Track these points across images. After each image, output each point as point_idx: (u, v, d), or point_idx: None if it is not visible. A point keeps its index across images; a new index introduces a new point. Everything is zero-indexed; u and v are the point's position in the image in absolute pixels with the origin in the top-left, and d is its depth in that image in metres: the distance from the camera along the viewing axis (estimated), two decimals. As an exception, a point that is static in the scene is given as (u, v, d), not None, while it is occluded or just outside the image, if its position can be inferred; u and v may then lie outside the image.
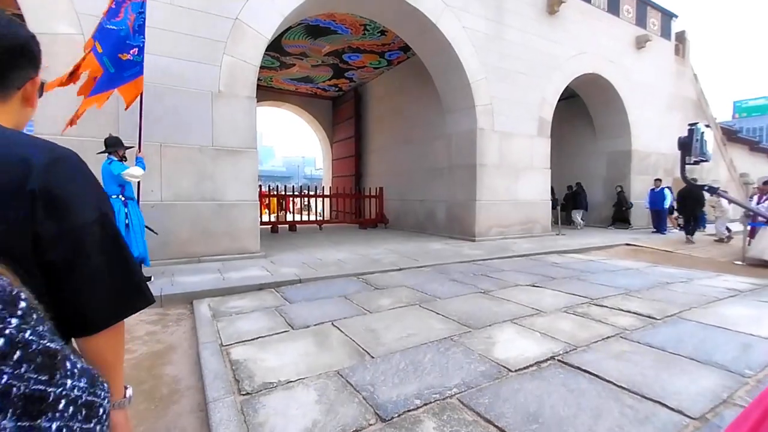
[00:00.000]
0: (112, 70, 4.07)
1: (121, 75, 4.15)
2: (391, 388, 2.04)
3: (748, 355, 2.46)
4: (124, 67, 4.15)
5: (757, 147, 18.49)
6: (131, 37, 4.17)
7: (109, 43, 4.04)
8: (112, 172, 4.04)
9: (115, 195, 4.10)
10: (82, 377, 0.55)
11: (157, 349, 2.79)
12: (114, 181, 4.08)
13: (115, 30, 4.06)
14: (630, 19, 11.51)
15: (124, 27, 4.10)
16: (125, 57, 4.13)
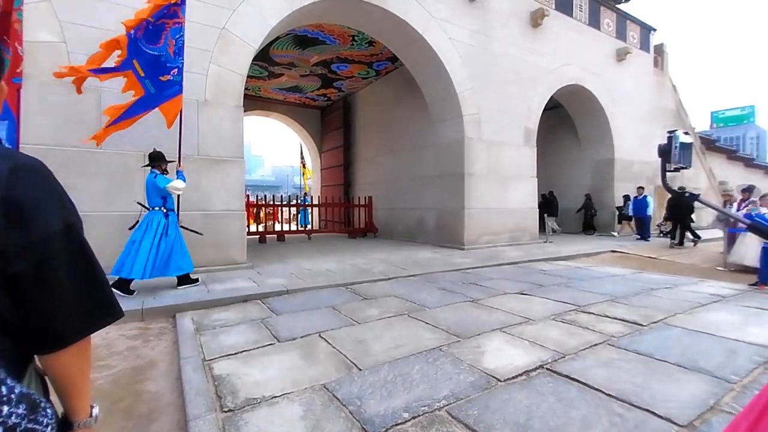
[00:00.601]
0: (153, 90, 4.32)
1: (161, 94, 4.37)
2: (379, 402, 2.00)
3: (733, 361, 2.48)
4: (164, 87, 4.37)
5: (734, 156, 19.10)
6: (171, 59, 4.41)
7: (151, 67, 4.28)
8: (157, 185, 4.26)
9: (158, 207, 4.35)
10: (21, 403, 0.51)
11: (137, 365, 2.69)
12: (158, 194, 4.32)
13: (156, 55, 4.30)
14: (610, 32, 11.87)
15: (164, 52, 4.35)
16: (166, 78, 4.36)
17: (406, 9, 7.59)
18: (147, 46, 4.25)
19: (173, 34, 4.41)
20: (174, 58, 4.42)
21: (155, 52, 4.29)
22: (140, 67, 4.21)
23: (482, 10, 8.78)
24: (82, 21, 4.89)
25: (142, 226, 4.25)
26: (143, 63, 4.24)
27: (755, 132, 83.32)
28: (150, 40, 4.27)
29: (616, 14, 12.15)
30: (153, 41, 4.28)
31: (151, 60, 4.27)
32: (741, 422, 0.84)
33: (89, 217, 4.89)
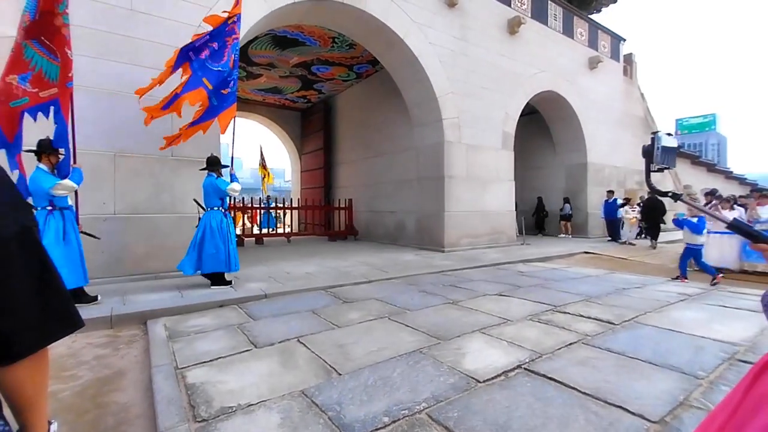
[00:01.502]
0: (215, 102, 4.67)
1: (221, 105, 4.67)
2: (359, 407, 1.97)
3: (700, 357, 2.59)
4: (224, 99, 4.68)
5: (697, 161, 20.07)
6: (230, 72, 4.68)
7: (216, 82, 4.62)
8: (218, 187, 4.61)
9: (216, 207, 4.68)
10: None
11: (104, 375, 2.56)
12: (217, 195, 4.66)
13: (220, 71, 4.63)
14: (583, 41, 12.29)
15: (226, 68, 4.66)
16: (226, 92, 4.68)
17: (387, 13, 7.63)
18: (213, 65, 4.63)
19: (233, 49, 4.72)
20: (231, 71, 4.69)
21: (219, 68, 4.64)
22: (209, 82, 4.59)
23: (462, 16, 8.92)
24: (48, 15, 4.66)
25: (205, 225, 4.58)
26: (211, 78, 4.60)
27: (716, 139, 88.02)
28: (215, 58, 4.65)
29: (589, 24, 12.59)
30: (218, 59, 4.65)
31: (216, 75, 4.62)
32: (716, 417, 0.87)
33: (54, 220, 4.64)
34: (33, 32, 3.50)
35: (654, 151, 1.24)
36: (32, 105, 3.58)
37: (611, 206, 11.14)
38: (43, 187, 3.63)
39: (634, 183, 13.84)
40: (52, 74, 3.63)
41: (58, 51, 3.60)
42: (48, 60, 3.59)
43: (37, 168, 3.73)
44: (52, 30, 3.55)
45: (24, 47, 3.50)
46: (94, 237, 4.31)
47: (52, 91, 3.63)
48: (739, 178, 23.34)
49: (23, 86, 3.51)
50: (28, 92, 3.53)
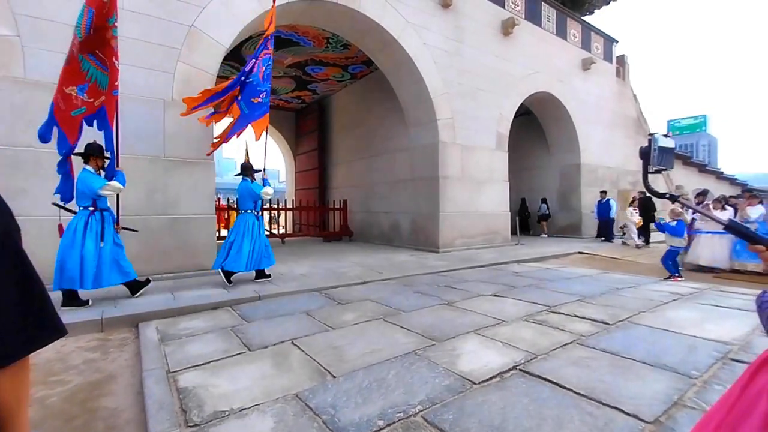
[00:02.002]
0: (246, 111, 4.98)
1: (253, 114, 4.95)
2: (353, 410, 1.95)
3: (694, 357, 2.60)
4: (255, 108, 4.95)
5: (689, 162, 20.29)
6: (261, 84, 4.95)
7: (246, 92, 4.97)
8: (254, 191, 4.92)
9: (250, 209, 4.99)
10: None
11: (94, 379, 2.52)
12: (251, 198, 4.97)
13: (250, 82, 4.95)
14: (576, 42, 12.38)
15: (256, 79, 4.95)
16: (257, 101, 4.94)
17: (381, 13, 7.62)
18: (246, 78, 4.97)
19: (263, 62, 4.99)
20: (263, 83, 4.96)
21: (250, 79, 4.96)
22: (238, 89, 4.99)
23: (456, 17, 8.94)
24: (38, 14, 4.60)
25: (239, 227, 4.86)
26: (243, 88, 4.97)
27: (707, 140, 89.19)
28: (247, 73, 4.97)
29: (582, 26, 12.69)
30: (250, 73, 4.96)
31: (247, 86, 4.96)
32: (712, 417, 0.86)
33: (43, 222, 4.58)
34: (88, 46, 3.83)
35: (651, 152, 1.24)
36: (89, 114, 3.92)
37: (604, 206, 11.22)
38: (92, 187, 3.86)
39: (627, 183, 13.95)
40: (102, 83, 3.95)
41: (108, 61, 3.91)
42: (100, 71, 3.94)
43: (84, 169, 3.96)
44: (103, 42, 3.88)
45: (81, 60, 3.84)
46: (134, 230, 4.51)
47: (102, 100, 3.94)
48: (730, 179, 23.63)
49: (81, 96, 3.85)
50: (86, 102, 3.87)
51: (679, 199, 1.20)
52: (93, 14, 3.69)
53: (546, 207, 12.95)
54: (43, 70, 4.60)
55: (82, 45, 3.77)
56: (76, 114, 3.83)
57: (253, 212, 5.00)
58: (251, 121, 4.96)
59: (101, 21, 3.77)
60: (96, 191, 3.88)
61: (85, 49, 3.81)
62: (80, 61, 3.82)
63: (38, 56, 4.57)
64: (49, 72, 4.63)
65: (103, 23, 3.79)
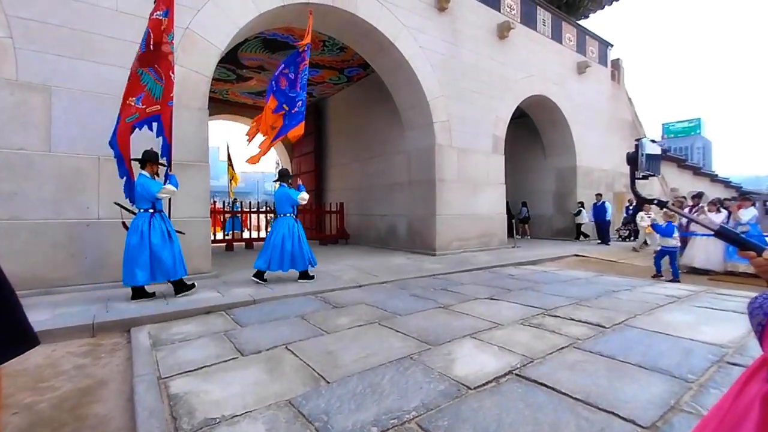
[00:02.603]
0: (285, 121, 5.27)
1: (290, 123, 5.23)
2: (346, 416, 1.92)
3: (689, 360, 2.59)
4: (293, 117, 5.24)
5: (684, 164, 20.43)
6: (298, 94, 5.28)
7: (287, 102, 5.28)
8: (291, 196, 5.23)
9: (289, 213, 5.31)
10: None
11: (84, 385, 2.47)
12: (288, 203, 5.26)
13: (294, 96, 5.29)
14: (571, 46, 12.46)
15: (293, 89, 5.28)
16: (294, 110, 5.25)
17: (377, 16, 7.63)
18: (290, 92, 5.29)
19: (301, 73, 5.30)
20: (300, 93, 5.26)
21: (293, 94, 5.29)
22: (287, 106, 5.29)
23: (452, 20, 8.97)
24: (31, 16, 4.56)
25: (278, 229, 5.17)
26: (288, 103, 5.29)
27: (702, 143, 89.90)
28: (292, 87, 5.31)
29: (577, 29, 12.77)
30: (293, 86, 5.30)
31: (291, 99, 5.29)
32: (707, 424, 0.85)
33: (35, 226, 4.53)
34: (148, 61, 4.24)
35: (639, 158, 1.23)
36: (140, 120, 4.27)
37: (600, 209, 11.28)
38: (151, 191, 4.16)
39: (622, 186, 14.02)
40: (156, 93, 4.30)
41: (164, 74, 4.26)
42: (156, 82, 4.30)
43: (140, 174, 4.24)
44: (161, 56, 4.27)
45: (141, 74, 4.27)
46: (181, 233, 4.61)
47: (155, 108, 4.28)
48: (724, 181, 23.83)
49: (137, 105, 4.25)
50: (139, 109, 4.25)
51: (668, 206, 1.19)
52: (149, 33, 4.17)
53: (526, 210, 13.14)
54: (36, 72, 4.56)
55: (141, 60, 4.22)
56: (129, 120, 4.24)
57: (291, 215, 5.32)
58: (290, 128, 5.27)
59: (160, 37, 4.20)
60: (154, 195, 4.18)
61: (145, 64, 4.25)
62: (140, 74, 4.27)
63: (30, 58, 4.54)
64: (42, 74, 4.60)
65: (161, 39, 4.22)
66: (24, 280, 4.25)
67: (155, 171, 4.37)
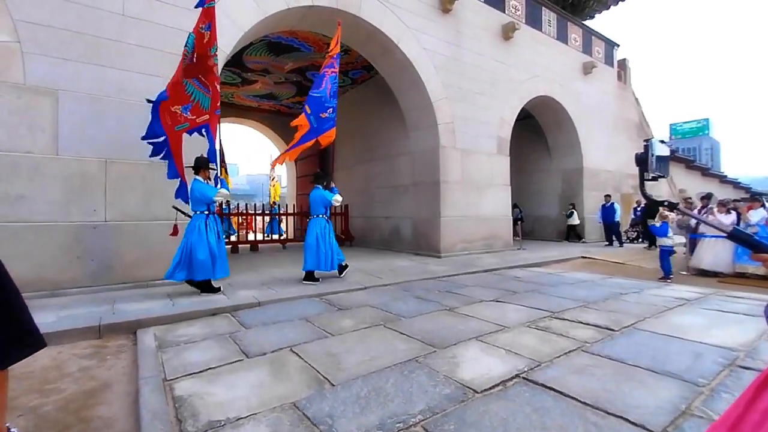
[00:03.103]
0: (315, 125, 5.46)
1: (321, 128, 5.47)
2: (351, 420, 1.90)
3: (700, 364, 2.54)
4: (323, 122, 5.48)
5: (692, 165, 20.24)
6: (328, 100, 5.49)
7: (315, 107, 5.46)
8: (326, 198, 5.45)
9: (322, 214, 5.52)
10: None
11: (89, 387, 2.48)
12: (323, 204, 5.48)
13: (318, 97, 5.45)
14: (577, 47, 12.39)
15: (324, 94, 5.47)
16: (324, 115, 5.47)
17: (381, 18, 7.64)
18: (313, 91, 5.47)
19: (331, 80, 5.53)
20: (330, 99, 5.49)
21: (318, 94, 5.45)
22: (308, 107, 5.45)
23: (456, 22, 8.96)
24: (37, 20, 4.61)
25: (312, 231, 5.41)
26: (310, 104, 5.45)
27: (710, 143, 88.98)
28: (315, 86, 5.49)
29: (582, 30, 12.70)
30: (317, 87, 5.48)
31: (315, 101, 5.45)
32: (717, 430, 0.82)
33: (42, 228, 4.57)
34: (192, 72, 4.48)
35: (648, 158, 1.21)
36: (191, 128, 4.64)
37: (609, 210, 11.10)
38: (207, 195, 4.52)
39: (629, 187, 13.89)
40: (205, 104, 4.59)
41: (210, 85, 4.51)
42: (203, 93, 4.58)
43: (195, 179, 4.61)
44: (205, 69, 4.47)
45: (185, 84, 4.53)
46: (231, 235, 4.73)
47: (205, 117, 4.60)
48: (733, 182, 23.56)
49: (185, 114, 4.56)
50: (188, 119, 4.58)
51: (678, 207, 1.16)
52: (194, 40, 4.36)
53: (519, 211, 12.88)
54: (43, 76, 4.61)
55: (186, 71, 4.45)
56: (179, 129, 4.58)
57: (324, 217, 5.52)
58: (320, 134, 5.50)
59: (203, 50, 4.39)
60: (211, 198, 4.53)
61: (189, 75, 4.49)
62: (185, 84, 4.52)
63: (37, 62, 4.59)
64: (49, 78, 4.64)
65: (206, 52, 4.40)
66: (30, 282, 4.28)
67: (208, 176, 4.71)
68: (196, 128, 4.65)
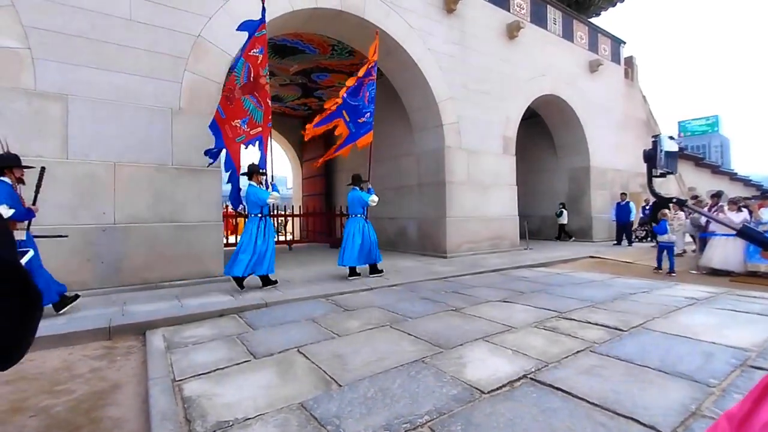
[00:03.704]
0: (353, 130, 5.95)
1: (359, 132, 5.96)
2: (358, 420, 1.90)
3: (711, 364, 2.51)
4: (361, 127, 5.95)
5: (701, 163, 19.95)
6: (366, 106, 5.94)
7: (353, 113, 5.89)
8: (363, 198, 5.86)
9: (360, 214, 5.94)
10: None
11: (100, 388, 2.51)
12: (360, 205, 5.92)
13: (356, 105, 5.88)
14: (583, 44, 12.29)
15: (361, 102, 5.90)
16: (362, 120, 5.95)
17: (385, 19, 7.65)
18: (351, 99, 5.86)
19: (368, 87, 5.93)
20: (367, 105, 5.94)
21: (356, 102, 5.87)
22: (347, 114, 5.88)
23: (460, 22, 8.94)
24: (47, 26, 4.69)
25: (350, 229, 5.82)
26: (349, 111, 5.87)
27: (719, 141, 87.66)
28: (353, 94, 5.87)
29: (588, 27, 12.60)
30: (355, 95, 5.87)
31: (353, 108, 5.87)
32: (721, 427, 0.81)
33: (53, 231, 4.63)
34: (248, 90, 5.03)
35: (657, 154, 1.20)
36: (247, 140, 5.11)
37: (624, 209, 10.85)
38: (262, 197, 4.95)
39: (637, 186, 13.73)
40: (257, 117, 5.09)
41: (262, 101, 5.04)
42: (256, 107, 5.07)
43: (250, 185, 5.05)
44: (259, 87, 5.02)
45: (243, 101, 5.05)
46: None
47: (258, 130, 5.11)
48: (744, 180, 23.19)
49: (243, 127, 5.06)
50: (244, 131, 5.07)
51: (687, 205, 1.15)
52: (250, 67, 4.93)
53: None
54: (53, 81, 4.68)
55: (244, 89, 5.01)
56: (238, 140, 5.09)
57: (361, 216, 5.93)
58: (357, 138, 5.95)
59: (258, 71, 4.98)
60: (265, 200, 4.94)
61: (246, 92, 5.03)
62: (243, 101, 5.04)
63: (48, 68, 4.66)
64: (58, 83, 4.72)
65: (260, 72, 4.99)
66: (43, 284, 4.34)
67: (260, 180, 5.13)
68: (251, 140, 5.11)
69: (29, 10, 4.60)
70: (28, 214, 3.62)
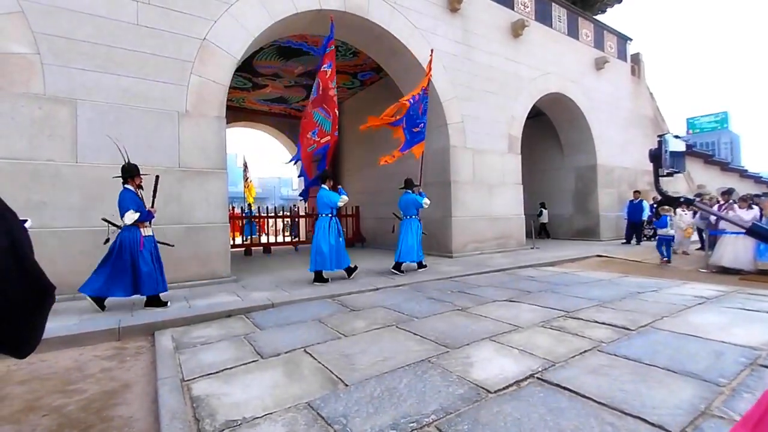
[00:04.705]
0: (408, 137, 6.53)
1: (413, 140, 6.58)
2: (365, 419, 1.92)
3: (720, 363, 2.48)
4: (415, 135, 6.56)
5: (710, 160, 19.68)
6: (419, 117, 6.54)
7: (409, 122, 6.47)
8: (417, 201, 6.35)
9: (414, 215, 6.46)
10: None
11: (110, 388, 2.55)
12: (414, 206, 6.40)
13: (412, 114, 6.45)
14: (589, 42, 12.20)
15: (416, 113, 6.46)
16: (416, 129, 6.56)
17: (389, 20, 7.66)
18: (412, 111, 6.43)
19: (422, 99, 6.54)
20: (421, 116, 6.54)
21: (412, 112, 6.46)
22: (405, 123, 6.45)
23: (464, 21, 8.92)
24: (56, 32, 4.77)
25: (404, 229, 6.37)
26: (407, 121, 6.45)
27: (729, 137, 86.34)
28: (414, 108, 6.43)
29: (594, 25, 12.50)
30: (416, 109, 6.45)
31: (410, 117, 6.45)
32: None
33: (62, 233, 4.72)
34: (318, 102, 5.63)
35: (662, 154, 1.19)
36: (317, 149, 5.71)
37: (636, 207, 10.69)
38: (334, 200, 5.38)
39: (645, 184, 13.58)
40: (326, 127, 5.62)
41: (330, 111, 5.56)
42: (324, 118, 5.60)
43: (322, 188, 5.50)
44: (328, 98, 5.55)
45: (314, 114, 5.68)
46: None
47: (326, 138, 5.64)
48: (754, 177, 22.82)
49: (313, 138, 5.68)
50: (314, 141, 5.70)
51: (695, 203, 1.14)
52: (319, 82, 5.56)
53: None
54: (62, 86, 4.76)
55: (314, 103, 5.61)
56: (310, 150, 5.71)
57: (416, 217, 6.44)
58: (412, 145, 6.54)
59: (327, 83, 5.50)
60: (336, 203, 5.37)
61: (317, 105, 5.58)
62: (313, 114, 5.64)
63: (57, 73, 4.74)
64: (67, 87, 4.79)
65: (328, 85, 5.51)
66: (54, 285, 4.41)
67: (332, 185, 5.55)
68: (320, 148, 5.66)
69: (39, 16, 4.67)
70: (149, 215, 4.29)
